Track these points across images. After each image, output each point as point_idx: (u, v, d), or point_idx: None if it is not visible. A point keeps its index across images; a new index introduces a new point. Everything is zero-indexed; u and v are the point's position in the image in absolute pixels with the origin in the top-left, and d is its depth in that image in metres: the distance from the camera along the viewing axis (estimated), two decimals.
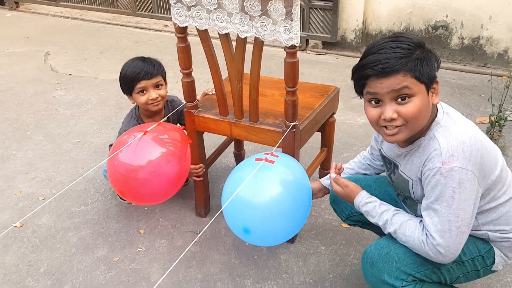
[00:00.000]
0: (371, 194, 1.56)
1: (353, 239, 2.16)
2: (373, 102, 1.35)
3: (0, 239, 2.21)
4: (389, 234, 1.46)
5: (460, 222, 1.30)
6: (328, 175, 1.75)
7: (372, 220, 1.50)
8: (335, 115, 2.30)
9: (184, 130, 2.11)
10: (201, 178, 2.20)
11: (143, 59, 2.23)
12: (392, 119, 1.31)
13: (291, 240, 2.14)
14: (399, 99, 1.30)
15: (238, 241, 2.15)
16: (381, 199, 1.54)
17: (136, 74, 2.16)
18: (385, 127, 1.35)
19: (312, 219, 2.29)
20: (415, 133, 1.37)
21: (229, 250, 2.12)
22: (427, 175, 1.33)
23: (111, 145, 2.31)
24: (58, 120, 3.38)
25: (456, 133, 1.31)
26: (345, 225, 2.23)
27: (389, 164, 1.58)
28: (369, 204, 1.51)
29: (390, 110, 1.31)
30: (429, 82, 1.30)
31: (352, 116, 3.32)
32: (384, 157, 1.62)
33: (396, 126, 1.33)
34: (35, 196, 2.54)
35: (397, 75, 1.27)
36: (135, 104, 2.31)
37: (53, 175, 2.72)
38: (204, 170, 2.19)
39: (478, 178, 1.30)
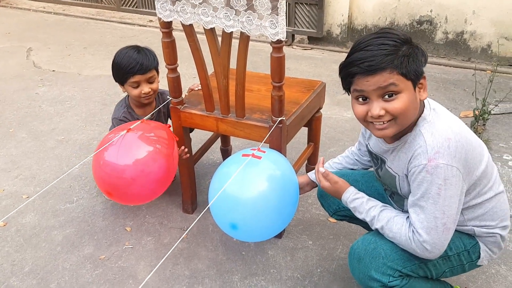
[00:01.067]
0: (359, 189, 1.56)
1: (340, 233, 2.17)
2: (360, 99, 1.35)
3: None
4: (376, 229, 1.47)
5: (446, 219, 1.31)
6: (316, 168, 1.74)
7: (360, 216, 1.51)
8: (321, 110, 2.30)
9: (170, 128, 2.09)
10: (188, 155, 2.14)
11: (137, 50, 2.16)
12: (380, 116, 1.31)
13: (279, 235, 2.14)
14: (386, 96, 1.29)
15: (225, 237, 2.15)
16: (368, 194, 1.54)
17: (131, 68, 2.12)
18: (373, 122, 1.35)
19: (299, 214, 2.29)
20: (403, 129, 1.37)
21: (216, 246, 2.12)
22: (413, 172, 1.33)
23: None
24: (41, 117, 3.33)
25: (442, 129, 1.32)
26: (332, 220, 2.23)
27: (376, 159, 1.58)
28: (356, 200, 1.52)
29: (377, 107, 1.31)
30: (416, 78, 1.30)
31: (338, 111, 3.33)
32: (371, 153, 1.62)
33: (384, 122, 1.33)
34: (18, 194, 2.50)
35: (383, 72, 1.26)
36: (126, 93, 2.28)
37: (37, 173, 2.68)
38: (187, 153, 2.15)
39: (463, 174, 1.31)
